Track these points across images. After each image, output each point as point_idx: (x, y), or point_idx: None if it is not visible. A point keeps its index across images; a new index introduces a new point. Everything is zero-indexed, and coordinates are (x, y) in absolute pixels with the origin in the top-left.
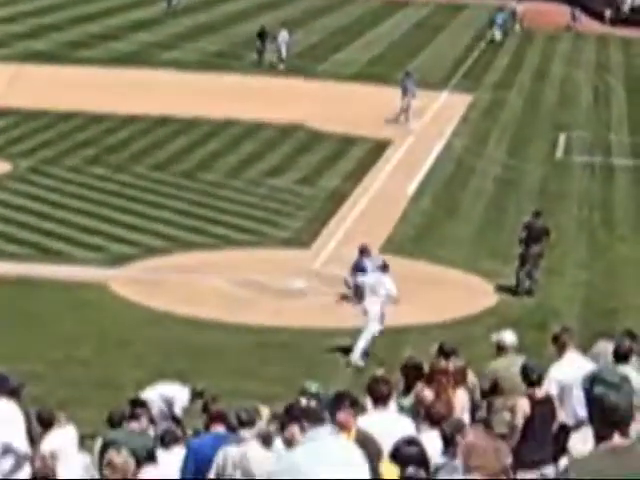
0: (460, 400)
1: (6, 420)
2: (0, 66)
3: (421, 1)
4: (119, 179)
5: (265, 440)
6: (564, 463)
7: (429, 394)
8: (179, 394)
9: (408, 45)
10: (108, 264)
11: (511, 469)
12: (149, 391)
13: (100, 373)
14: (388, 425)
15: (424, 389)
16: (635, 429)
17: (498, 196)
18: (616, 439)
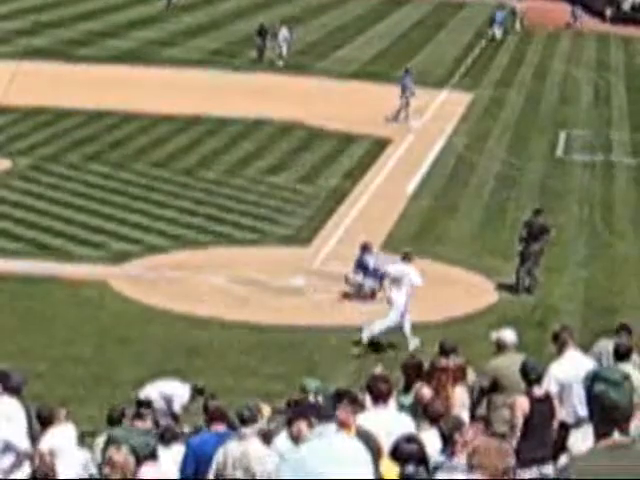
0: (459, 397)
1: (8, 417)
2: (0, 63)
3: None
4: (119, 177)
5: (265, 437)
6: (563, 461)
7: (427, 392)
8: (179, 391)
9: (408, 43)
10: (108, 262)
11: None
12: (149, 388)
13: (100, 370)
14: (388, 423)
15: (423, 387)
16: (635, 425)
17: (498, 194)
18: (616, 437)
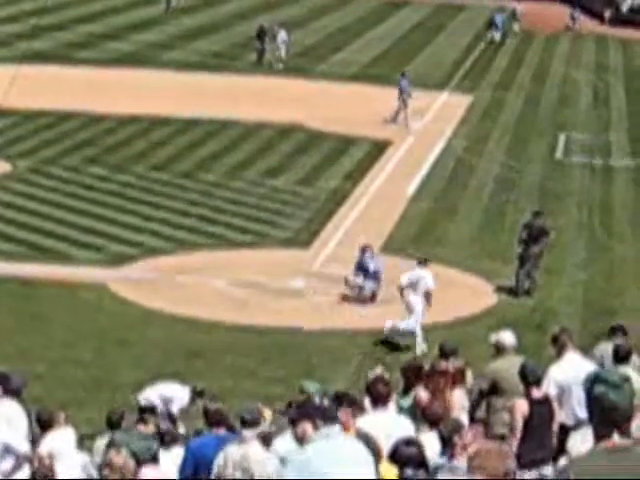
0: (458, 400)
1: (8, 420)
2: (0, 66)
3: (420, 1)
4: (119, 179)
5: (264, 440)
6: (563, 463)
7: (424, 395)
8: (179, 394)
9: (408, 45)
10: (108, 264)
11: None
12: (149, 391)
13: (99, 373)
14: (387, 425)
15: (420, 390)
16: (636, 425)
17: (498, 196)
18: (615, 439)
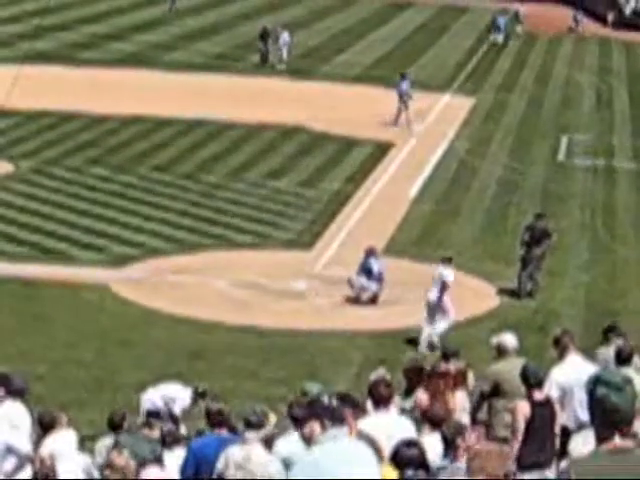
0: (459, 402)
1: (10, 421)
2: (3, 67)
3: (423, 3)
4: (121, 180)
5: (266, 442)
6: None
7: (424, 397)
8: (180, 394)
9: (411, 47)
10: (110, 265)
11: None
12: (152, 391)
13: (101, 374)
14: (389, 427)
15: (420, 392)
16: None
17: (500, 198)
18: (617, 440)
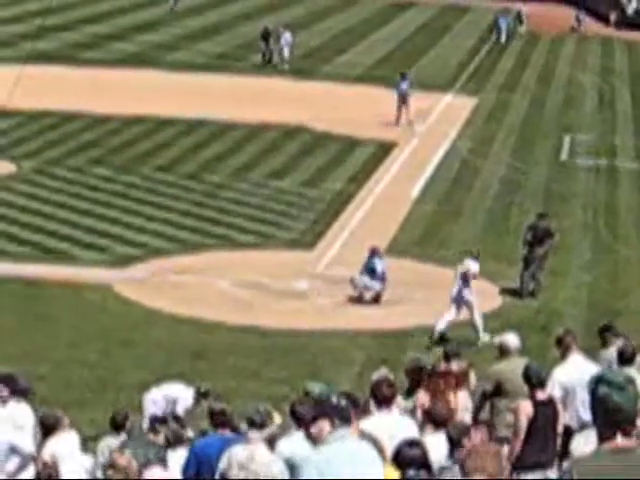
0: (462, 402)
1: (15, 421)
2: (5, 67)
3: (425, 3)
4: (123, 180)
5: (269, 442)
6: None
7: (424, 397)
8: (183, 394)
9: (413, 47)
10: (112, 265)
11: (512, 471)
12: (154, 391)
13: (104, 374)
14: (391, 427)
15: (420, 392)
16: None
17: (502, 198)
18: (619, 440)
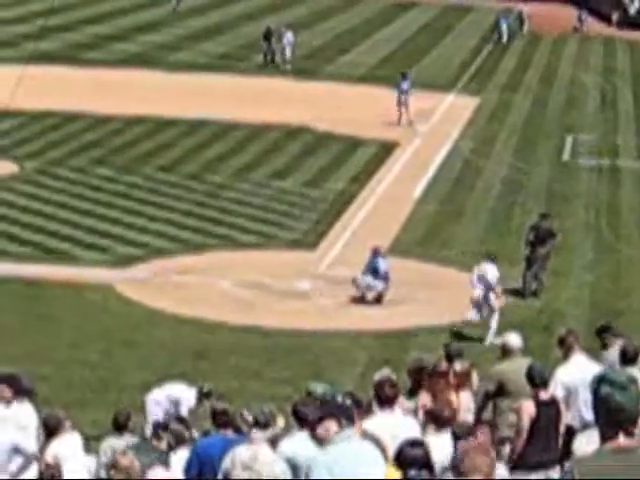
0: (464, 402)
1: (18, 421)
2: (7, 67)
3: (427, 3)
4: (125, 180)
5: (271, 443)
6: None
7: (426, 398)
8: (185, 394)
9: (415, 47)
10: (114, 265)
11: (514, 471)
12: (156, 392)
13: (106, 374)
14: (394, 427)
15: (422, 393)
16: None
17: (504, 198)
18: (621, 440)
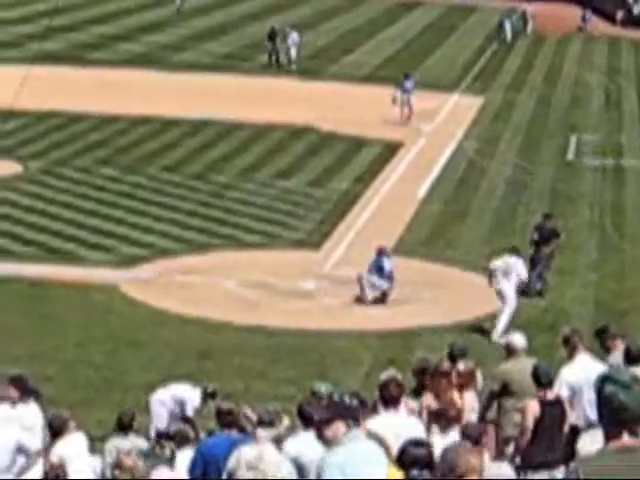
0: (469, 402)
1: (24, 423)
2: (11, 67)
3: (432, 3)
4: (130, 180)
5: (276, 442)
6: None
7: (429, 398)
8: (190, 394)
9: (419, 47)
10: (118, 265)
11: (519, 470)
12: (161, 392)
13: (111, 374)
14: (398, 427)
15: (428, 394)
16: None
17: (509, 198)
18: (625, 439)
